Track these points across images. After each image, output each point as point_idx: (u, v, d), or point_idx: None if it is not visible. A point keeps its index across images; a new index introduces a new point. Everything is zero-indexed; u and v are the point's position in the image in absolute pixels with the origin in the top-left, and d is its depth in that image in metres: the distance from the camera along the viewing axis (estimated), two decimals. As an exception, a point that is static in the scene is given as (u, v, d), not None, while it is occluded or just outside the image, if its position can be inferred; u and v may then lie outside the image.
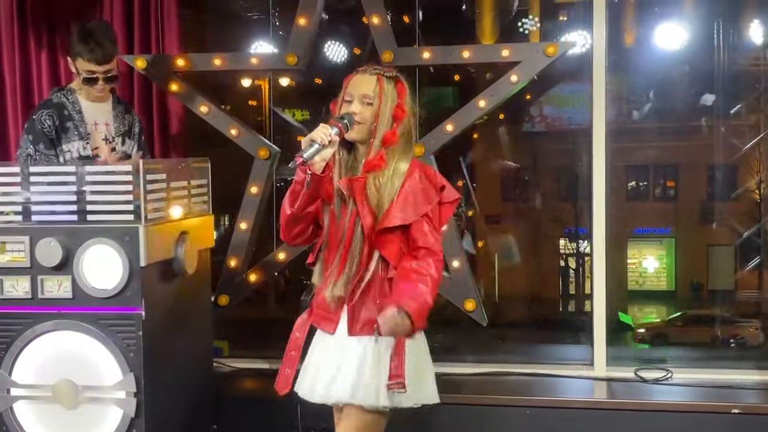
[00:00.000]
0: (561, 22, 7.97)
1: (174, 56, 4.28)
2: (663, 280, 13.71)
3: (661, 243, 13.60)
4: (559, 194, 11.46)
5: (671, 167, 12.79)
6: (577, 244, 11.61)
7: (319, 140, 2.66)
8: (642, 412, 3.88)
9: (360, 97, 2.81)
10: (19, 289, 3.28)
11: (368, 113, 2.80)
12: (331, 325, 2.88)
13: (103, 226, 3.24)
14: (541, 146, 10.41)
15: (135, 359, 3.22)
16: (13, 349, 3.28)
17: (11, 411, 3.29)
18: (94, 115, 3.91)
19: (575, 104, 9.21)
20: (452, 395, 3.99)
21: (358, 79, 2.85)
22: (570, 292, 12.06)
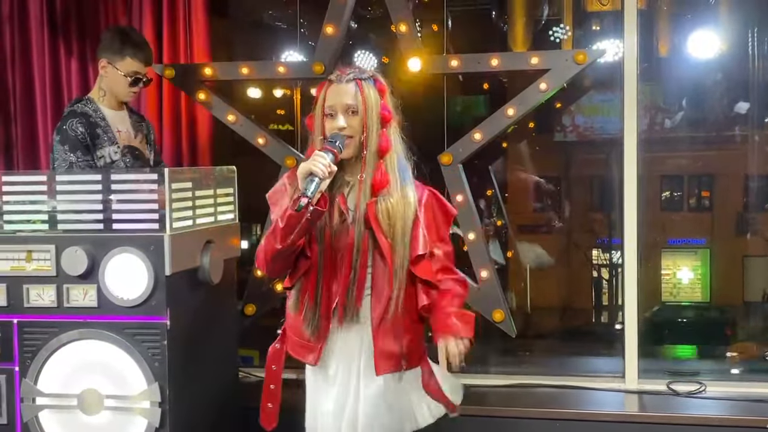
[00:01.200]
0: (593, 31, 7.90)
1: (201, 65, 4.27)
2: (698, 291, 13.54)
3: (696, 254, 13.44)
4: (592, 204, 11.37)
5: (706, 177, 12.65)
6: (609, 254, 11.50)
7: (320, 174, 2.50)
8: (675, 426, 3.81)
9: (343, 109, 2.63)
10: (45, 298, 3.28)
11: (356, 124, 2.63)
12: (312, 356, 2.75)
13: (128, 234, 3.23)
14: (573, 156, 10.33)
15: (160, 369, 3.20)
16: (38, 358, 3.27)
17: (36, 420, 3.28)
18: (115, 122, 3.93)
19: (607, 113, 9.13)
20: (482, 407, 3.96)
21: (336, 89, 2.65)
22: (603, 303, 11.94)
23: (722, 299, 12.26)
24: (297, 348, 2.79)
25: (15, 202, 3.36)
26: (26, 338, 3.29)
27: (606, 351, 6.95)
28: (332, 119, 2.64)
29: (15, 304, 3.29)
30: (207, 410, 3.54)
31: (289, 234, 2.55)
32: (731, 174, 11.92)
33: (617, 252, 11.39)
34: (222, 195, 3.67)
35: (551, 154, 9.63)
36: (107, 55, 3.84)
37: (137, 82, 3.87)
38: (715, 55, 5.94)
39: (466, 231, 4.07)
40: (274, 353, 2.86)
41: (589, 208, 11.33)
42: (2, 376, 3.31)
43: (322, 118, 2.66)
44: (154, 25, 4.49)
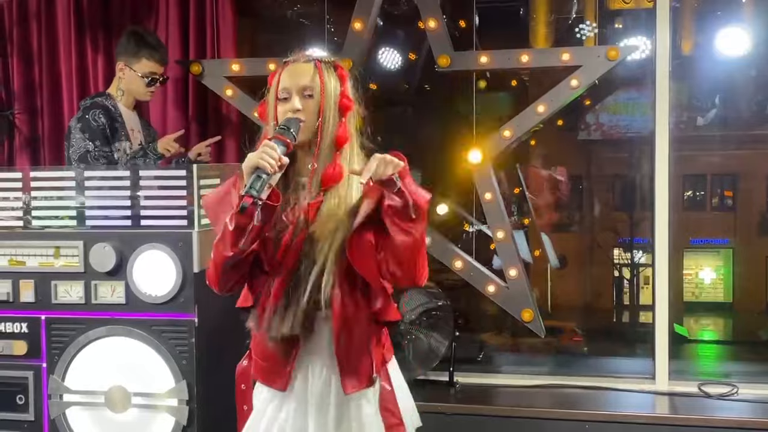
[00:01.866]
0: (616, 29, 7.85)
1: (228, 61, 4.25)
2: (720, 291, 13.46)
3: (719, 254, 13.36)
4: (614, 203, 11.31)
5: (729, 176, 12.57)
6: (631, 254, 11.44)
7: (269, 168, 2.16)
8: (706, 429, 3.75)
9: (299, 90, 2.32)
10: (73, 294, 3.26)
11: (311, 107, 2.32)
12: (282, 381, 2.40)
13: (156, 231, 3.21)
14: (596, 154, 10.29)
15: (187, 366, 3.18)
16: (66, 354, 3.25)
17: (64, 417, 3.27)
18: (129, 121, 3.99)
19: (632, 112, 9.08)
20: (511, 407, 3.92)
21: (292, 69, 2.35)
22: (624, 303, 11.89)
23: (745, 300, 12.19)
24: (266, 374, 2.47)
25: (43, 197, 3.35)
26: (54, 335, 3.28)
27: (627, 351, 6.91)
28: (286, 102, 2.33)
29: (43, 300, 3.28)
30: (233, 408, 3.50)
31: (240, 237, 2.22)
32: (755, 174, 11.83)
33: (639, 251, 11.35)
34: (249, 192, 3.63)
35: (574, 152, 9.59)
36: (124, 58, 3.95)
37: (154, 81, 3.96)
38: (745, 53, 5.82)
39: (495, 229, 4.03)
40: (242, 371, 2.56)
41: (611, 208, 11.28)
42: (30, 373, 3.30)
43: (275, 102, 2.36)
44: (181, 22, 4.48)
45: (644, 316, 11.58)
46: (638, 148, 9.32)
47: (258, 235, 2.25)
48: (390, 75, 5.15)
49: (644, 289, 11.55)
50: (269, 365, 2.43)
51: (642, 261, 11.52)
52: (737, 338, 12.22)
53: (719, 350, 11.52)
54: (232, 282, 2.38)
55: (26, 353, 3.29)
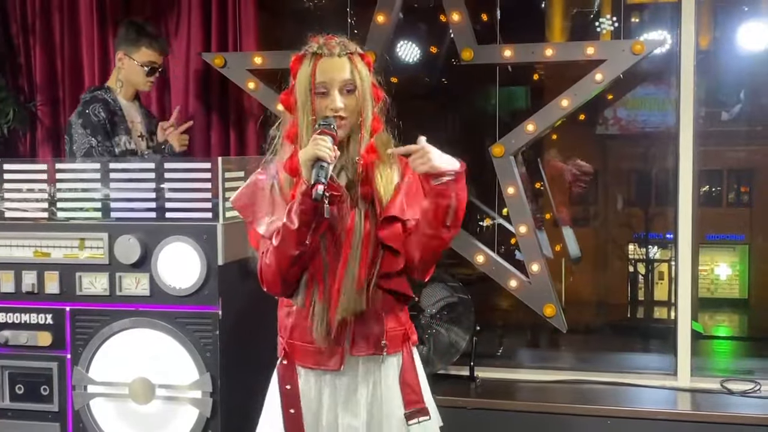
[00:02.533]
0: (635, 23, 7.81)
1: (251, 54, 4.25)
2: (735, 287, 13.40)
3: (734, 250, 13.29)
4: (629, 198, 11.27)
5: (746, 172, 12.51)
6: (646, 249, 11.39)
7: (329, 159, 2.21)
8: (729, 426, 3.73)
9: (340, 85, 2.32)
10: (98, 286, 3.26)
11: (352, 104, 2.33)
12: (337, 359, 2.44)
13: (181, 224, 3.21)
14: (613, 149, 10.23)
15: (211, 359, 3.17)
16: (90, 345, 3.26)
17: (88, 407, 3.27)
18: (129, 113, 4.01)
19: (650, 107, 9.02)
20: (532, 403, 3.92)
21: (328, 64, 2.32)
22: (638, 299, 11.84)
23: (761, 296, 12.13)
24: (316, 356, 2.49)
25: (68, 189, 3.35)
26: (78, 326, 3.28)
27: (642, 347, 6.88)
28: (325, 98, 2.32)
29: (68, 291, 3.28)
30: (255, 401, 3.50)
31: (306, 233, 2.25)
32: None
33: (654, 247, 11.30)
34: (273, 184, 3.63)
35: (592, 147, 9.54)
36: (123, 47, 3.96)
37: (154, 71, 3.98)
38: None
39: (518, 223, 4.01)
40: (284, 371, 2.55)
41: (627, 203, 11.24)
42: (54, 364, 3.30)
43: (312, 95, 2.32)
44: (203, 14, 4.48)
45: (659, 311, 11.52)
46: (655, 144, 9.27)
47: (321, 229, 2.29)
48: (410, 68, 5.14)
49: (659, 284, 11.49)
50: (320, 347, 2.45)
51: (657, 257, 11.45)
52: (753, 335, 12.15)
53: (734, 346, 11.46)
54: (295, 278, 2.40)
55: (51, 344, 3.30)
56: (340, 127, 2.32)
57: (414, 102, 5.28)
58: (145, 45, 3.94)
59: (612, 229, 11.03)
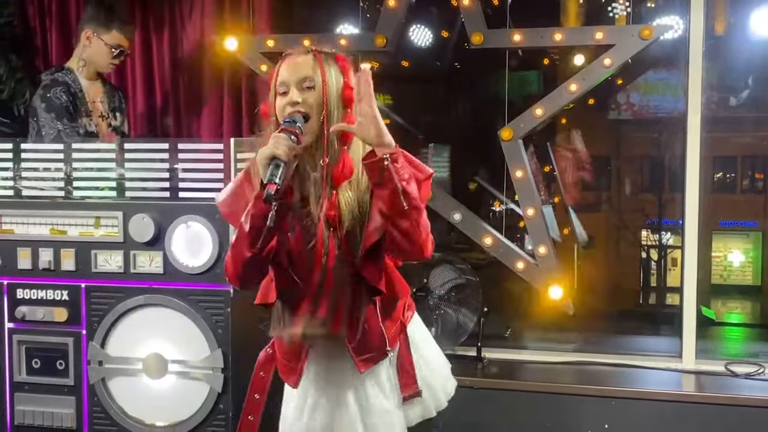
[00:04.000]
0: (649, 7, 7.79)
1: (264, 37, 4.30)
2: (749, 274, 13.38)
3: (748, 236, 13.26)
4: (642, 184, 11.27)
5: (760, 158, 12.47)
6: (659, 235, 11.40)
7: (285, 157, 2.10)
8: (733, 407, 3.77)
9: (297, 83, 2.24)
10: (112, 264, 3.34)
11: (312, 100, 2.23)
12: (293, 377, 2.51)
13: (194, 203, 3.27)
14: (626, 135, 10.24)
15: (223, 335, 3.25)
16: (105, 322, 3.34)
17: (103, 382, 3.36)
18: (90, 93, 4.04)
19: (663, 92, 9.03)
20: (538, 383, 3.97)
21: (290, 62, 2.27)
22: (651, 284, 11.85)
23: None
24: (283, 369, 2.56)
25: (84, 169, 3.42)
26: (93, 302, 3.36)
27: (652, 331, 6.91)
28: (284, 97, 2.26)
29: (83, 268, 3.37)
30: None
31: (258, 236, 2.17)
32: (786, 155, 11.70)
33: (667, 233, 11.31)
34: (284, 166, 3.69)
35: (604, 132, 9.55)
36: (92, 26, 3.97)
37: (121, 54, 4.01)
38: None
39: (525, 207, 4.06)
40: (265, 359, 2.59)
41: (640, 188, 11.24)
42: (70, 339, 3.39)
43: (275, 97, 2.29)
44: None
45: (671, 297, 11.54)
46: (668, 129, 9.26)
47: (273, 234, 2.20)
48: (421, 52, 5.17)
49: (672, 270, 11.50)
50: (286, 363, 2.52)
51: (670, 243, 11.46)
52: (766, 321, 12.13)
53: (746, 333, 11.44)
54: (252, 278, 2.35)
55: (66, 320, 3.39)
56: (305, 131, 2.21)
57: (425, 86, 5.33)
58: (116, 28, 3.95)
59: (625, 215, 11.04)
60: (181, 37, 4.58)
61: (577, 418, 3.91)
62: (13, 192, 3.46)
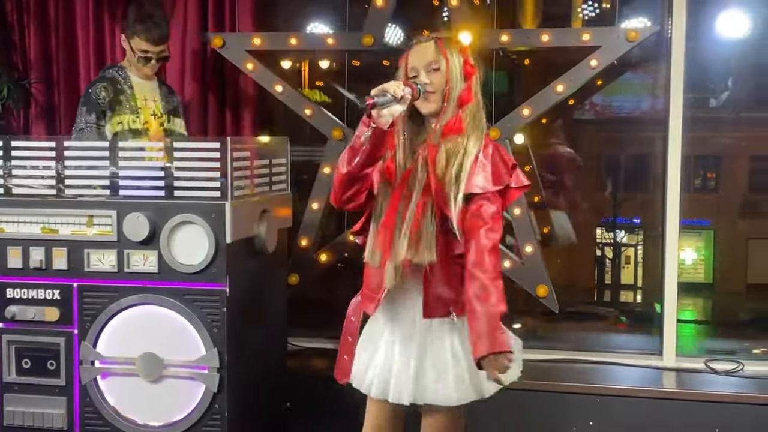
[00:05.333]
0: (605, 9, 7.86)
1: (250, 35, 4.28)
2: (701, 272, 13.60)
3: (701, 234, 13.48)
4: (599, 183, 11.39)
5: (712, 158, 12.67)
6: (614, 234, 11.55)
7: (392, 91, 2.43)
8: (713, 404, 3.86)
9: (425, 66, 2.60)
10: (106, 263, 3.31)
11: (438, 80, 2.59)
12: (372, 305, 2.67)
13: (190, 202, 3.25)
14: (586, 134, 10.34)
15: (219, 335, 3.23)
16: (98, 321, 3.31)
17: (95, 382, 3.32)
18: (143, 91, 3.97)
19: (626, 93, 9.14)
20: (523, 381, 3.99)
21: (416, 50, 2.64)
22: (605, 282, 12.00)
23: (725, 281, 12.33)
24: (365, 301, 2.73)
25: (76, 167, 3.38)
26: (86, 302, 3.33)
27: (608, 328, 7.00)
28: (416, 80, 2.59)
29: (75, 267, 3.33)
30: (261, 377, 3.58)
31: (354, 156, 2.53)
32: (738, 155, 11.94)
33: (621, 231, 11.47)
34: (276, 165, 3.69)
35: (567, 131, 9.64)
36: (125, 31, 3.93)
37: (147, 60, 3.90)
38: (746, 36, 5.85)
39: (512, 206, 4.09)
40: (355, 306, 2.80)
41: (596, 187, 11.35)
42: (62, 339, 3.35)
43: (406, 80, 2.60)
44: (200, -6, 4.48)
45: (625, 295, 11.68)
46: (628, 129, 9.37)
47: (369, 160, 2.53)
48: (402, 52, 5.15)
49: (625, 268, 11.64)
50: (370, 293, 2.69)
51: (624, 241, 11.60)
52: (717, 319, 12.34)
53: (699, 330, 11.64)
54: (347, 195, 2.63)
55: (58, 320, 3.35)
56: (428, 99, 2.58)
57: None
58: (137, 33, 3.86)
59: (581, 213, 11.14)
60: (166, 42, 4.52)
61: (562, 415, 3.96)
62: (3, 190, 3.40)
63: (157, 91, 4.05)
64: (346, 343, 2.79)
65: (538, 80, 4.64)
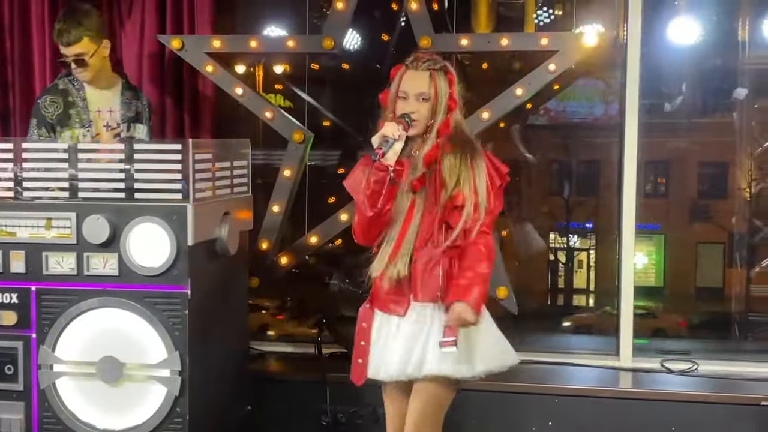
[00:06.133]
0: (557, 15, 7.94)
1: (210, 38, 4.25)
2: (651, 276, 13.78)
3: (651, 239, 13.67)
4: (552, 188, 11.50)
5: (662, 163, 12.85)
6: (567, 238, 11.67)
7: (391, 135, 2.75)
8: (671, 403, 3.92)
9: (416, 96, 2.85)
10: (65, 266, 3.27)
11: (425, 110, 2.85)
12: (401, 308, 2.89)
13: (151, 204, 3.23)
14: (540, 139, 10.44)
15: (180, 338, 3.22)
16: (57, 325, 3.27)
17: (54, 387, 3.28)
18: (98, 102, 3.91)
19: (578, 98, 9.25)
20: (481, 382, 4.00)
21: (411, 76, 2.87)
22: (558, 286, 12.11)
23: (675, 285, 12.51)
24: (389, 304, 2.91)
25: (33, 169, 3.34)
26: (44, 305, 3.29)
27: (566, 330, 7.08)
28: (404, 102, 2.86)
29: (33, 271, 3.29)
30: (222, 379, 3.56)
31: (378, 199, 2.79)
32: (687, 161, 12.14)
33: (574, 236, 11.58)
34: (237, 167, 3.68)
35: (521, 136, 9.72)
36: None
37: (66, 64, 3.84)
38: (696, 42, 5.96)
39: (471, 209, 4.12)
40: (364, 312, 2.98)
41: (549, 192, 11.46)
42: (19, 343, 3.31)
43: (395, 99, 2.87)
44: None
45: (578, 299, 11.79)
46: (580, 134, 9.48)
47: (390, 197, 2.81)
48: (362, 55, 5.18)
49: (578, 273, 11.76)
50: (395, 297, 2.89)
51: (577, 245, 11.72)
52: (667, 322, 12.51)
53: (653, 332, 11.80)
54: (375, 234, 2.90)
55: (16, 324, 3.31)
56: (413, 126, 2.83)
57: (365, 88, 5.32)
58: (56, 38, 3.80)
59: (534, 218, 11.24)
60: (121, 36, 4.49)
61: (522, 416, 4.00)
62: (-40, 192, 3.35)
63: (117, 99, 3.96)
64: (360, 347, 2.96)
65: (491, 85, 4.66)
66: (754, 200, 9.53)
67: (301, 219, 4.49)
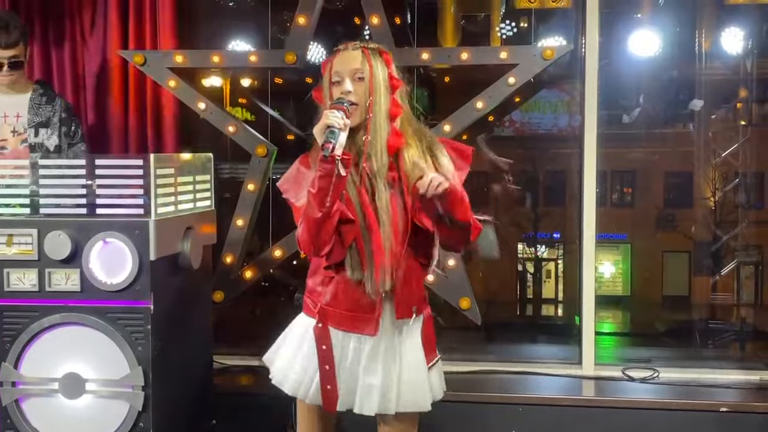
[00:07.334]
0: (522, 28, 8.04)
1: (172, 53, 4.27)
2: (619, 285, 13.89)
3: (618, 248, 13.78)
4: (519, 199, 11.58)
5: (628, 173, 12.98)
6: (535, 249, 11.75)
7: (337, 125, 2.47)
8: (631, 410, 3.98)
9: (350, 73, 2.61)
10: (26, 282, 3.26)
11: (362, 90, 2.61)
12: (371, 326, 2.69)
13: (112, 219, 3.23)
14: (506, 151, 10.52)
15: (143, 353, 3.21)
16: (18, 342, 3.25)
17: (16, 404, 3.26)
18: (4, 106, 3.94)
19: (544, 110, 9.35)
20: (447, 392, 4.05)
21: (343, 56, 2.65)
22: (527, 296, 12.19)
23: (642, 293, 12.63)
24: (355, 323, 2.70)
25: (-9, 184, 3.34)
26: (6, 322, 3.27)
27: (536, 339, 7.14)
28: (339, 85, 2.62)
29: (-6, 287, 3.27)
30: (186, 394, 3.56)
31: (325, 196, 2.49)
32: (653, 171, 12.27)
33: (542, 246, 11.66)
34: (200, 182, 3.69)
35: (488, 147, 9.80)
36: None
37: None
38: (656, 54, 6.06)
39: (434, 221, 4.16)
40: (320, 333, 2.71)
41: (517, 203, 11.54)
42: (-20, 360, 3.28)
43: (330, 86, 2.65)
44: (120, 11, 4.45)
45: (546, 309, 11.89)
46: (546, 146, 9.59)
47: (338, 193, 2.53)
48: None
49: (546, 282, 11.86)
50: (362, 314, 2.69)
51: (545, 256, 11.82)
52: (634, 330, 12.63)
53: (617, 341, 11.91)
54: (326, 239, 2.60)
55: (-23, 341, 3.28)
56: (352, 112, 2.57)
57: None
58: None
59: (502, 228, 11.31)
60: (83, 51, 4.49)
61: (485, 426, 4.03)
62: None
63: (27, 103, 3.99)
64: (326, 372, 2.71)
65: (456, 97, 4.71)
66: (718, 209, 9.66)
67: (265, 233, 4.51)
